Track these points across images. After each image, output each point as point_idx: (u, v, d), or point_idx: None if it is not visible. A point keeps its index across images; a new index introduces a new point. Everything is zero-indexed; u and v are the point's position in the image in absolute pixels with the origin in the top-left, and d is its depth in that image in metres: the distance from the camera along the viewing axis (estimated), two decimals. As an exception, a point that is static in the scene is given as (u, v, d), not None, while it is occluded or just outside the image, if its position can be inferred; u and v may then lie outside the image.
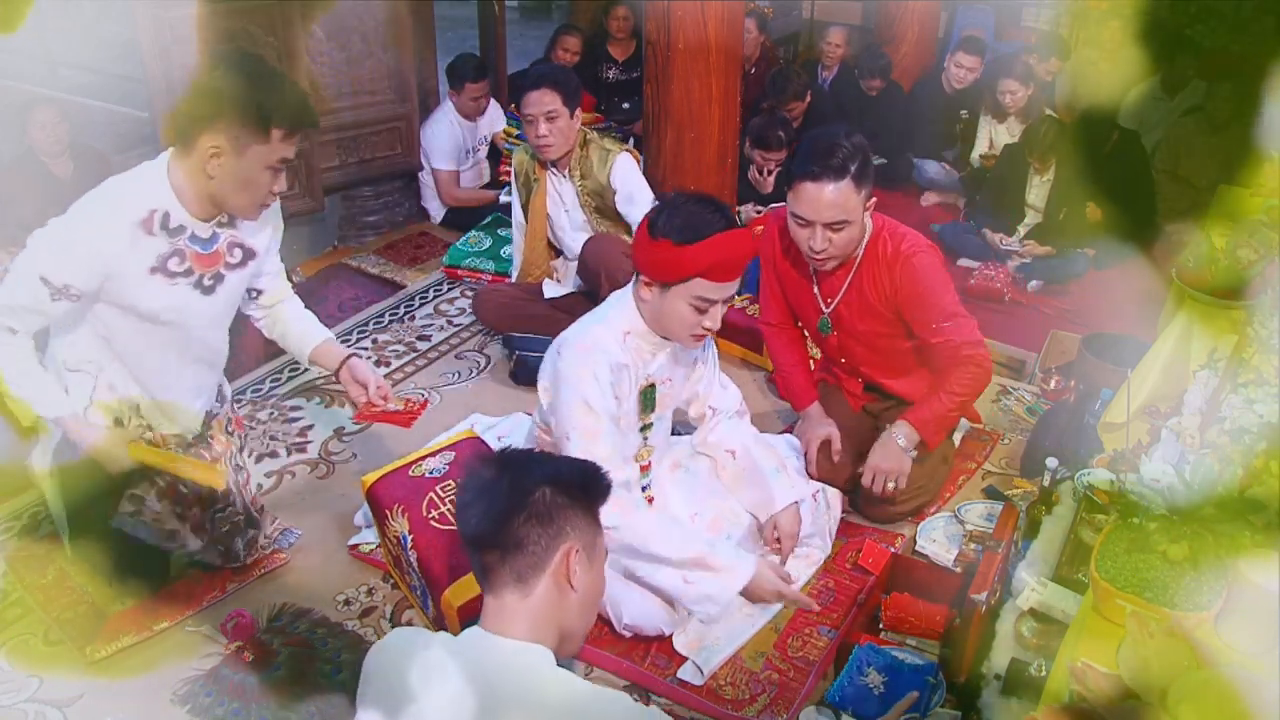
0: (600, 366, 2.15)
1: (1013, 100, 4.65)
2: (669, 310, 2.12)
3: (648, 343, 2.23)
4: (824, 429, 2.72)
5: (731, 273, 2.07)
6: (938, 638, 2.25)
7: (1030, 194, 4.28)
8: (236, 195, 2.00)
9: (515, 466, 1.44)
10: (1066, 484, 2.34)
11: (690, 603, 2.17)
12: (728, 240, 2.04)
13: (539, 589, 1.39)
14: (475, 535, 1.41)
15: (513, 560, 1.38)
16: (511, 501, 1.39)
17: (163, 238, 2.01)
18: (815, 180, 2.33)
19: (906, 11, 5.62)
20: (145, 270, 2.01)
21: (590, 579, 1.44)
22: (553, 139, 3.24)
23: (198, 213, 2.03)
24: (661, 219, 2.06)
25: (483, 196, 4.54)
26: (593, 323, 2.23)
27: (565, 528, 1.40)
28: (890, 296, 2.53)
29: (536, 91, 3.18)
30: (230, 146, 1.92)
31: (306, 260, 4.23)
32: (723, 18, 3.51)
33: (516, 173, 3.48)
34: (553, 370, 2.23)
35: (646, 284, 2.13)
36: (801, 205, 2.37)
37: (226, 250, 2.12)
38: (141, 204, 1.97)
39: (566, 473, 1.45)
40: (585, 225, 3.45)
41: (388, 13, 4.13)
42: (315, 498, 2.81)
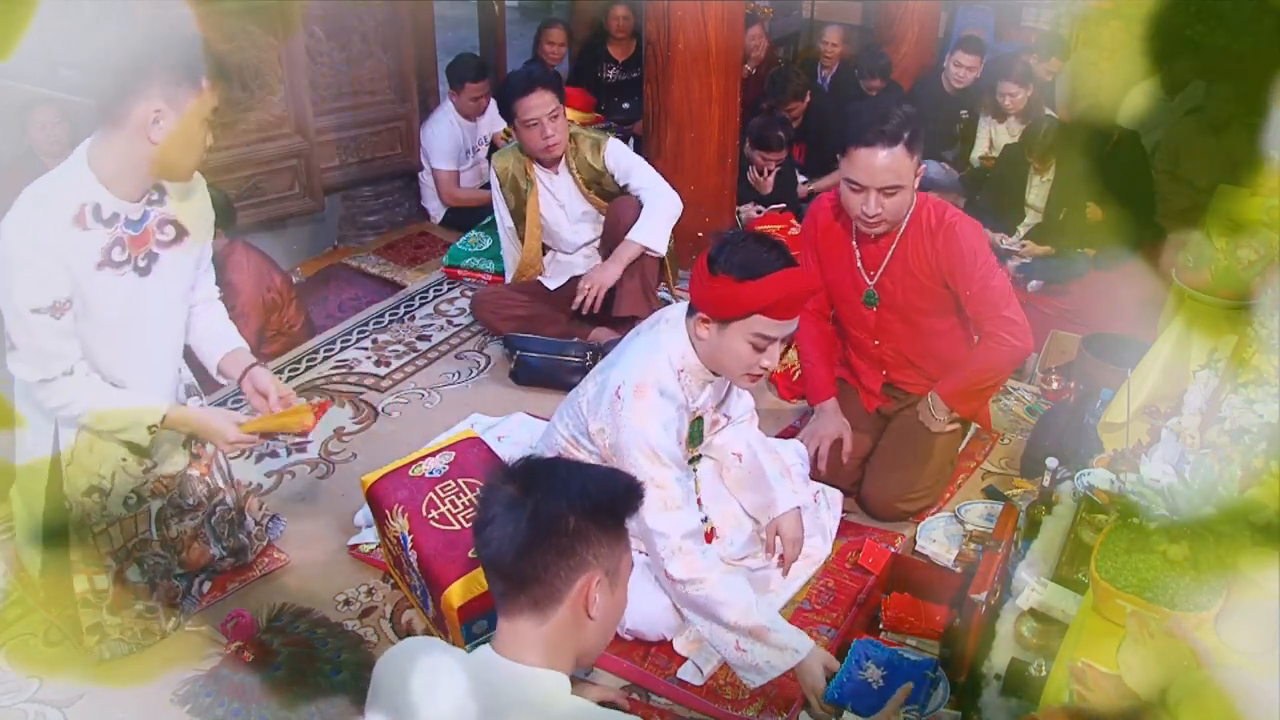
0: (669, 414, 2.11)
1: (1012, 102, 4.66)
2: (727, 347, 2.08)
3: (698, 379, 2.20)
4: (837, 427, 2.75)
5: (791, 311, 2.04)
6: (938, 638, 2.25)
7: (1030, 194, 4.29)
8: (182, 156, 1.98)
9: (541, 487, 1.35)
10: (1066, 484, 2.34)
11: (737, 667, 2.10)
12: (788, 278, 2.01)
13: (555, 617, 1.35)
14: (493, 561, 1.36)
15: (530, 590, 1.34)
16: (533, 531, 1.32)
17: (99, 230, 1.97)
18: (870, 146, 2.39)
19: (906, 11, 5.62)
20: (93, 266, 1.98)
21: (611, 603, 1.40)
22: (558, 137, 3.25)
23: (127, 193, 1.99)
24: (721, 256, 2.02)
25: (483, 196, 4.53)
26: (648, 359, 2.15)
27: (589, 558, 1.34)
28: (934, 264, 2.58)
29: (535, 95, 3.17)
30: (169, 106, 1.91)
31: (306, 260, 4.24)
32: (723, 18, 3.51)
33: (502, 180, 3.43)
34: (612, 414, 2.14)
35: (704, 320, 2.09)
36: (856, 170, 2.43)
37: (156, 228, 2.08)
38: (70, 200, 1.94)
39: (596, 493, 1.37)
40: (586, 215, 3.46)
41: (388, 13, 4.14)
42: (315, 498, 2.81)
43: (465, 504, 2.32)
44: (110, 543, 2.20)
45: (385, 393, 3.31)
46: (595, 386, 2.24)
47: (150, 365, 2.19)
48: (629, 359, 2.19)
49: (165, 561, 2.31)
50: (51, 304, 1.93)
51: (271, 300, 3.47)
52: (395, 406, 3.24)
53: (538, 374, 3.32)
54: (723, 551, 2.46)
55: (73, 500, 2.14)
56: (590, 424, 2.22)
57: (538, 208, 3.43)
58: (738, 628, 2.03)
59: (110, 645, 2.23)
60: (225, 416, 2.20)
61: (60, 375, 1.98)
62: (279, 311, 3.51)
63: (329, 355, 3.51)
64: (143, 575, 2.26)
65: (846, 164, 2.47)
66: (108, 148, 1.96)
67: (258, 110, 3.78)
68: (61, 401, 2.01)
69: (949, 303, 2.66)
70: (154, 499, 2.25)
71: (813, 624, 2.38)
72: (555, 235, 3.52)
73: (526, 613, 1.35)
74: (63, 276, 1.93)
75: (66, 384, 1.99)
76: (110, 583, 2.21)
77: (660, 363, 2.14)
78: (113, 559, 2.21)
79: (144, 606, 2.27)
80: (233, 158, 3.72)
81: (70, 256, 1.94)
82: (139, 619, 2.26)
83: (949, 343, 2.75)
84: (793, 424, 3.14)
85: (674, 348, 2.16)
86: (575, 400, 2.32)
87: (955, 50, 5.09)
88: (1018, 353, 2.63)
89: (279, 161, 3.87)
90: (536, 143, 3.26)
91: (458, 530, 2.25)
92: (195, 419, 2.17)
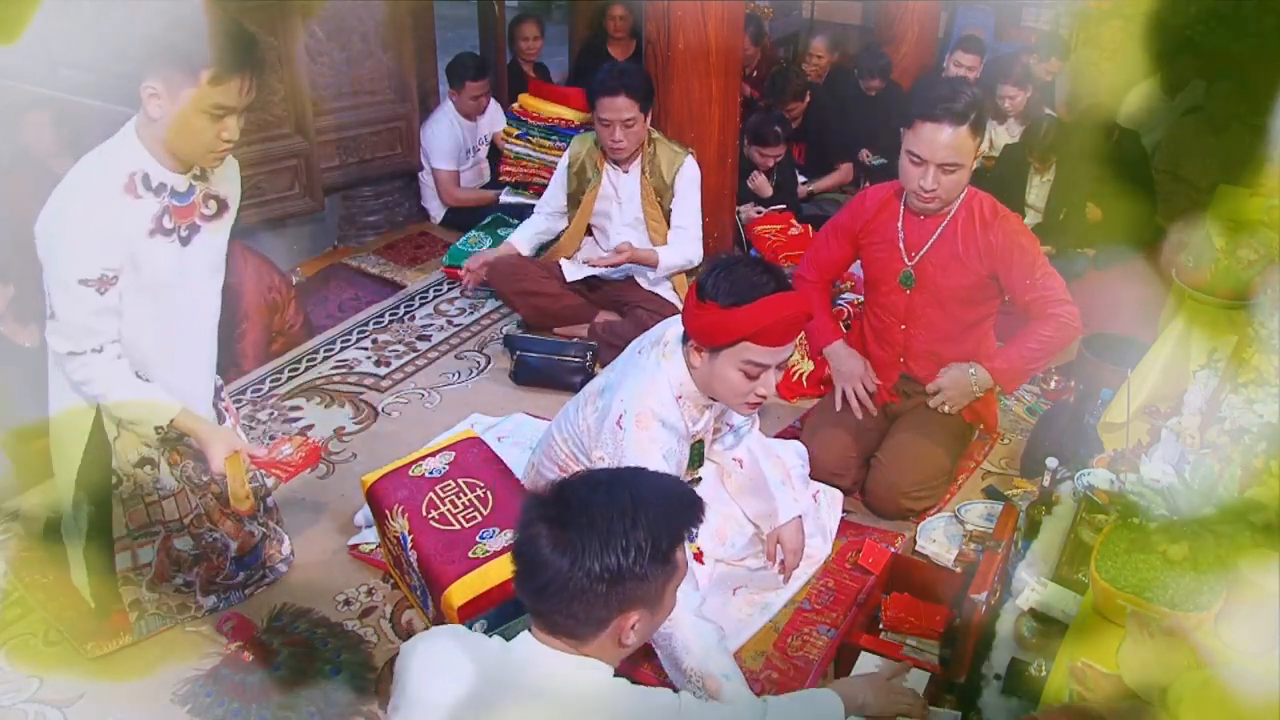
0: (669, 444, 2.09)
1: (1012, 104, 4.66)
2: (719, 375, 2.03)
3: (697, 405, 2.18)
4: (857, 364, 2.80)
5: (783, 337, 1.98)
6: (938, 638, 2.25)
7: (1030, 194, 4.28)
8: (179, 141, 1.98)
9: (592, 533, 1.28)
10: (1066, 484, 2.34)
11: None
12: (778, 303, 1.94)
13: (591, 644, 1.35)
14: (532, 598, 1.34)
15: (567, 627, 1.33)
16: (577, 588, 1.29)
17: (149, 198, 2.00)
18: (936, 121, 2.42)
19: (906, 11, 5.61)
20: (146, 234, 2.01)
21: (650, 626, 1.40)
22: (627, 143, 3.28)
23: (171, 165, 2.02)
24: (709, 282, 1.97)
25: (483, 196, 4.53)
26: (649, 386, 2.12)
27: (635, 599, 1.32)
28: (985, 254, 2.58)
29: (616, 98, 3.18)
30: (165, 90, 1.92)
31: (306, 260, 4.23)
32: (723, 18, 3.51)
33: (572, 161, 3.48)
34: (615, 443, 2.11)
35: (697, 349, 2.06)
36: (919, 144, 2.46)
37: (202, 201, 2.12)
38: (120, 169, 1.97)
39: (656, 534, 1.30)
40: (637, 221, 3.47)
41: (388, 13, 4.13)
42: (315, 498, 2.81)
43: (465, 504, 2.32)
44: (163, 514, 2.23)
45: (385, 393, 3.31)
46: (595, 413, 2.21)
47: (191, 339, 2.22)
48: (630, 385, 2.14)
49: (222, 538, 2.33)
50: (100, 275, 1.95)
51: (273, 300, 3.48)
52: (395, 406, 3.24)
53: (537, 374, 3.33)
54: (723, 553, 2.46)
55: (124, 474, 2.17)
56: (592, 452, 2.20)
57: (594, 199, 3.46)
58: (690, 671, 1.95)
59: (148, 620, 2.27)
60: (225, 442, 2.15)
61: (89, 351, 2.00)
62: (280, 312, 3.51)
63: (329, 355, 3.51)
64: (195, 547, 2.29)
65: (911, 136, 2.48)
66: (143, 120, 1.99)
67: (258, 110, 3.78)
68: (83, 378, 2.03)
69: (989, 292, 2.67)
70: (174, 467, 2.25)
71: (813, 624, 2.38)
72: (602, 230, 3.55)
73: (561, 637, 1.35)
74: (115, 245, 1.96)
75: (93, 361, 2.01)
76: (155, 554, 2.24)
77: (661, 390, 2.11)
78: (164, 528, 2.24)
79: (182, 580, 2.30)
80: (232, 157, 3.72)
81: (123, 224, 1.97)
82: (176, 593, 2.29)
83: (976, 335, 2.75)
84: (793, 424, 3.14)
85: (672, 374, 2.12)
86: (574, 420, 2.30)
87: (955, 50, 5.08)
88: (1073, 334, 2.66)
89: (279, 161, 3.87)
90: (605, 140, 3.31)
91: (458, 530, 2.25)
92: (202, 432, 2.15)
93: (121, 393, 2.05)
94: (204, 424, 2.18)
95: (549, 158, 4.24)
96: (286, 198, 3.95)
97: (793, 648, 2.32)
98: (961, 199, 2.61)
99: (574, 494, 1.34)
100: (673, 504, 1.37)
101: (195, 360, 2.25)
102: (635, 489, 1.35)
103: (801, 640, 2.34)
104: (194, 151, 2.01)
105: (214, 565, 2.34)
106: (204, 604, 2.35)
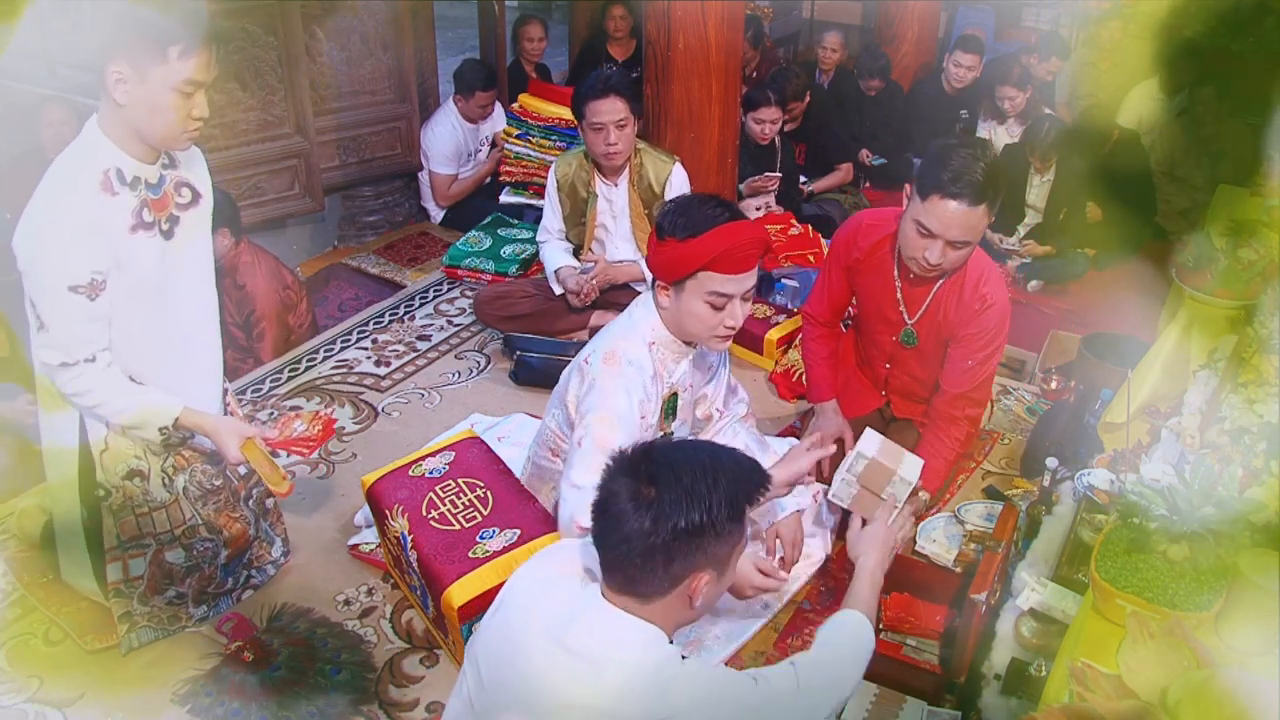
0: (634, 384, 2.13)
1: (1011, 105, 4.66)
2: (687, 311, 2.11)
3: (672, 351, 2.22)
4: (839, 426, 2.76)
5: (741, 264, 2.05)
6: (937, 638, 2.25)
7: (1030, 194, 4.29)
8: (150, 124, 1.95)
9: (676, 489, 1.33)
10: (1066, 484, 2.34)
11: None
12: (732, 230, 2.03)
13: (659, 603, 1.38)
14: (609, 551, 1.37)
15: (638, 583, 1.36)
16: (661, 540, 1.33)
17: (126, 193, 1.97)
18: (955, 199, 2.28)
19: (906, 11, 5.62)
20: (128, 230, 1.97)
21: (717, 590, 1.42)
22: (621, 146, 3.25)
23: (141, 155, 1.99)
24: (667, 220, 2.07)
25: (477, 176, 4.54)
26: (620, 335, 2.20)
27: (707, 558, 1.36)
28: (955, 322, 2.54)
29: (608, 100, 3.16)
30: (132, 72, 1.89)
31: (306, 260, 4.24)
32: (723, 18, 3.51)
33: (560, 184, 3.42)
34: (581, 379, 2.20)
35: (663, 288, 2.13)
36: (932, 219, 2.32)
37: (174, 190, 2.09)
38: (93, 168, 1.94)
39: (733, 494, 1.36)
40: (630, 236, 3.45)
41: (388, 13, 4.14)
42: (315, 498, 2.81)
43: (465, 504, 2.33)
44: (154, 526, 2.21)
45: (385, 393, 3.31)
46: (576, 372, 2.27)
47: (189, 344, 2.18)
48: (602, 335, 2.25)
49: (213, 546, 2.31)
50: (90, 280, 1.91)
51: (288, 299, 3.47)
52: (395, 406, 3.24)
53: (537, 374, 3.33)
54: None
55: (112, 486, 2.14)
56: (571, 410, 2.24)
57: (595, 217, 3.44)
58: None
59: (139, 633, 2.25)
60: (236, 432, 2.13)
61: (82, 361, 1.97)
62: (294, 310, 3.50)
63: (329, 355, 3.51)
64: (187, 559, 2.27)
65: (923, 209, 2.33)
66: (106, 112, 1.96)
67: (258, 110, 3.78)
68: (78, 389, 2.00)
69: None
70: (178, 474, 2.24)
71: (813, 624, 2.38)
72: (601, 243, 3.53)
73: (630, 594, 1.38)
74: (101, 246, 1.93)
75: (87, 371, 1.98)
76: (146, 566, 2.22)
77: (632, 336, 2.18)
78: (154, 540, 2.21)
79: (174, 593, 2.29)
80: (233, 158, 3.72)
81: (104, 223, 1.93)
82: (168, 605, 2.28)
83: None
84: (793, 424, 3.14)
85: (645, 322, 2.19)
86: (560, 391, 2.33)
87: (955, 50, 5.09)
88: (977, 428, 2.81)
89: (279, 161, 3.88)
90: (599, 147, 3.26)
91: (458, 530, 2.26)
92: (209, 426, 2.13)
93: (120, 399, 2.03)
94: (209, 417, 2.15)
95: (549, 158, 4.24)
96: (286, 198, 3.96)
97: (792, 648, 2.32)
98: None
99: (659, 453, 1.39)
100: (744, 469, 1.42)
101: (197, 366, 2.21)
102: (712, 452, 1.43)
103: (801, 640, 2.34)
104: (166, 133, 1.97)
105: (205, 575, 2.32)
106: (194, 614, 2.33)
